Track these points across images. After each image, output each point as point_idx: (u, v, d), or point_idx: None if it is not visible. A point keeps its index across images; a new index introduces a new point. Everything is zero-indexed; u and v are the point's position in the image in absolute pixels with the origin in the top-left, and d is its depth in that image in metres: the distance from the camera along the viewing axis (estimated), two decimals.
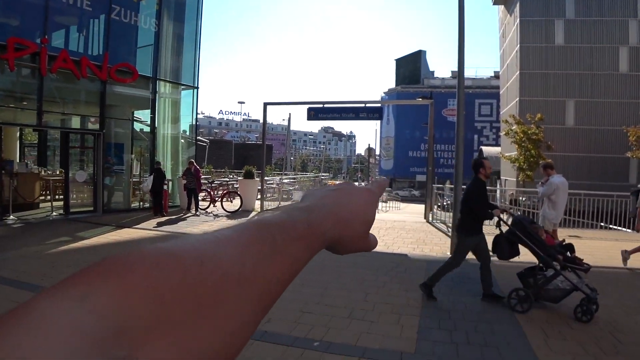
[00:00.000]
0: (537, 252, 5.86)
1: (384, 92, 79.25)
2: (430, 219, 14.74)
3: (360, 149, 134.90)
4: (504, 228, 6.34)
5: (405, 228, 12.86)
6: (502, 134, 37.72)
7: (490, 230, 6.94)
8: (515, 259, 6.44)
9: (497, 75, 59.21)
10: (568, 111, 36.24)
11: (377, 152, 77.12)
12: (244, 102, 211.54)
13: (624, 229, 13.34)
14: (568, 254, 5.93)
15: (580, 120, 35.76)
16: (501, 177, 40.62)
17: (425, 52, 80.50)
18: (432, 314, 5.65)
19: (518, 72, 37.82)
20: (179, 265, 0.35)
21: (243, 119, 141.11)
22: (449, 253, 9.28)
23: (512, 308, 5.79)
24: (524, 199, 17.43)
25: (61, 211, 13.49)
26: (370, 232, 0.56)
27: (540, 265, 5.96)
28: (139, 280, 0.32)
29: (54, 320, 0.28)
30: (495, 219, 6.24)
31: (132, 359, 0.29)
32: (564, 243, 6.22)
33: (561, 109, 35.95)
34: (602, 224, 13.77)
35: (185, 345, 0.33)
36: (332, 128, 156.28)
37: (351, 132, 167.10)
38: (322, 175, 30.53)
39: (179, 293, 0.33)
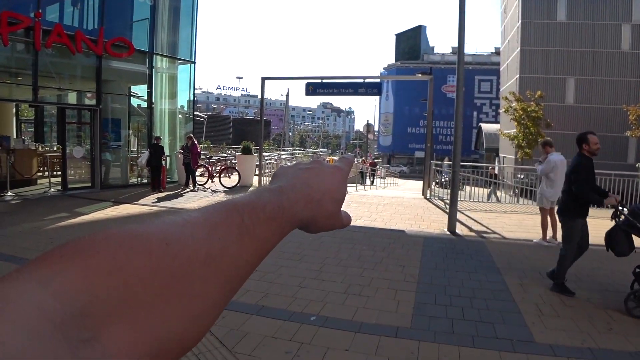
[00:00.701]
0: None
1: (384, 68, 78.79)
2: (428, 195, 14.78)
3: (359, 125, 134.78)
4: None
5: (403, 204, 12.89)
6: (501, 111, 37.55)
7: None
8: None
9: (497, 52, 58.66)
10: (568, 89, 36.04)
11: (376, 128, 77.04)
12: (242, 77, 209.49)
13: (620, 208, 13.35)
14: None
15: (580, 98, 35.58)
16: (500, 155, 40.60)
17: (425, 27, 79.73)
18: (428, 290, 5.68)
19: (519, 48, 37.48)
20: (144, 246, 0.34)
21: (241, 94, 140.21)
22: (446, 229, 9.33)
23: (630, 313, 5.06)
24: (522, 176, 17.43)
25: (59, 187, 13.47)
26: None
27: None
28: (102, 261, 0.32)
29: (16, 303, 0.28)
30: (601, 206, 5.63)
31: (95, 340, 0.30)
32: None
33: (561, 86, 35.74)
34: None
35: (151, 326, 0.33)
36: (331, 104, 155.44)
37: (350, 107, 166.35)
38: (321, 151, 30.52)
39: (143, 274, 0.33)
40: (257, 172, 16.56)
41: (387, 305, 5.14)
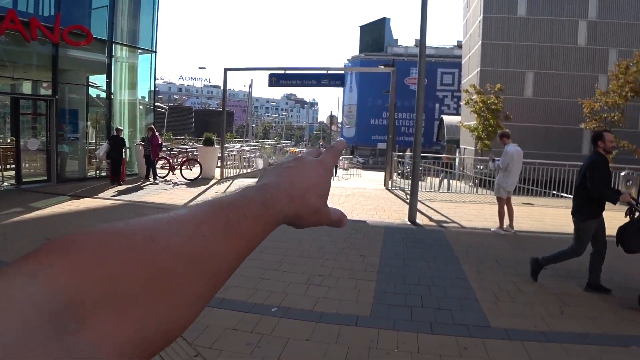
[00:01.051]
0: None
1: (348, 59, 78.88)
2: (390, 186, 14.94)
3: (323, 117, 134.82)
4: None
5: (365, 195, 13.01)
6: (462, 103, 38.18)
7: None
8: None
9: (459, 45, 59.49)
10: (527, 82, 36.93)
11: (340, 120, 77.21)
12: (204, 68, 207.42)
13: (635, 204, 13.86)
14: None
15: (538, 91, 36.53)
16: (460, 146, 41.35)
17: (389, 19, 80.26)
18: (389, 279, 5.78)
19: (480, 42, 38.14)
20: (128, 242, 0.36)
21: (204, 85, 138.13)
22: (407, 219, 9.47)
23: None
24: (481, 167, 17.82)
25: (12, 181, 12.99)
26: (336, 207, 0.58)
27: None
28: (88, 256, 0.34)
29: (8, 295, 0.29)
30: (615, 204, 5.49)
31: (82, 330, 0.31)
32: None
33: (520, 80, 36.59)
34: (554, 192, 14.27)
35: (135, 317, 0.34)
36: (295, 95, 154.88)
37: (314, 99, 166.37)
38: (284, 143, 30.45)
39: (128, 269, 0.35)
40: (219, 164, 16.42)
41: (348, 294, 5.20)
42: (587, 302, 5.30)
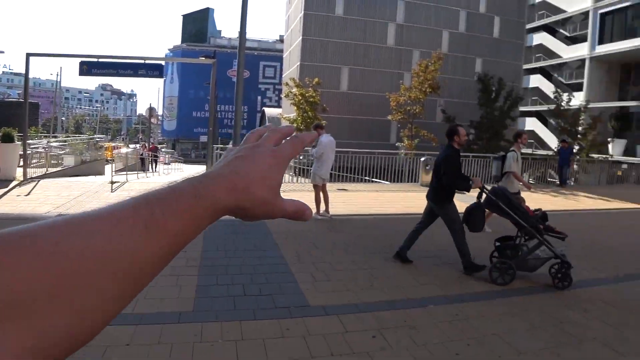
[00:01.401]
0: (520, 224, 5.65)
1: (169, 49, 76.02)
2: None
3: (142, 109, 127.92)
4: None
5: None
6: (283, 96, 39.38)
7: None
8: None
9: (282, 40, 61.03)
10: (343, 77, 39.52)
11: (160, 112, 74.12)
12: (3, 52, 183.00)
13: (383, 181, 15.31)
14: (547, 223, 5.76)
15: (353, 85, 39.39)
16: None
17: (212, 10, 79.20)
18: (210, 272, 5.78)
19: (301, 37, 39.69)
20: (30, 247, 0.35)
21: (2, 72, 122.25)
22: None
23: (493, 281, 5.59)
24: (302, 157, 18.63)
25: None
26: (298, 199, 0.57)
27: (519, 235, 5.82)
28: None
29: None
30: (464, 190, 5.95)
31: None
32: (540, 213, 5.79)
33: (337, 74, 39.01)
34: (366, 177, 15.57)
35: (37, 325, 0.33)
36: (111, 85, 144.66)
37: (132, 90, 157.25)
38: (98, 137, 28.38)
39: (28, 275, 0.33)
40: (21, 163, 14.68)
41: (169, 292, 5.07)
42: (392, 273, 5.98)
